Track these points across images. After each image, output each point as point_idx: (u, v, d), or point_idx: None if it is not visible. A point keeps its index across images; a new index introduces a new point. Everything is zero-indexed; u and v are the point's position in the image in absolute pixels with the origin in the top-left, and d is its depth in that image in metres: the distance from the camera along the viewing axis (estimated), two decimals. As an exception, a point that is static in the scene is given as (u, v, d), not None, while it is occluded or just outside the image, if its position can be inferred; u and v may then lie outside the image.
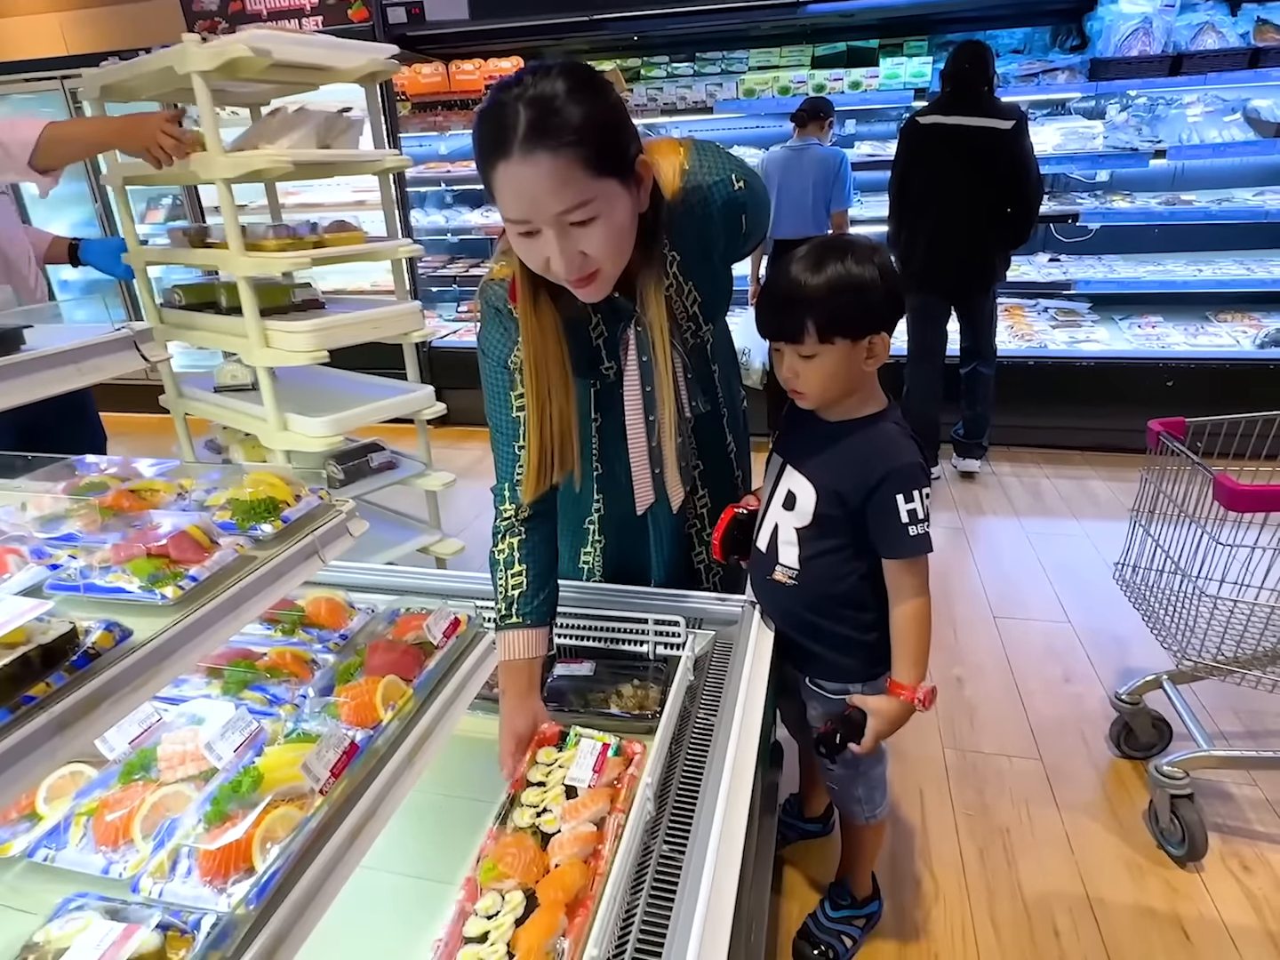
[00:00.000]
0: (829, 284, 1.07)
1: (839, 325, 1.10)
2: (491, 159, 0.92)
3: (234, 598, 0.85)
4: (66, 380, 0.79)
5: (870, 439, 1.18)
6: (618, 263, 1.04)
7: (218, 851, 0.77)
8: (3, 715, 0.63)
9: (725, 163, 1.16)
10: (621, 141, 0.96)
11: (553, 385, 1.13)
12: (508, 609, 1.22)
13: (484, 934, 0.90)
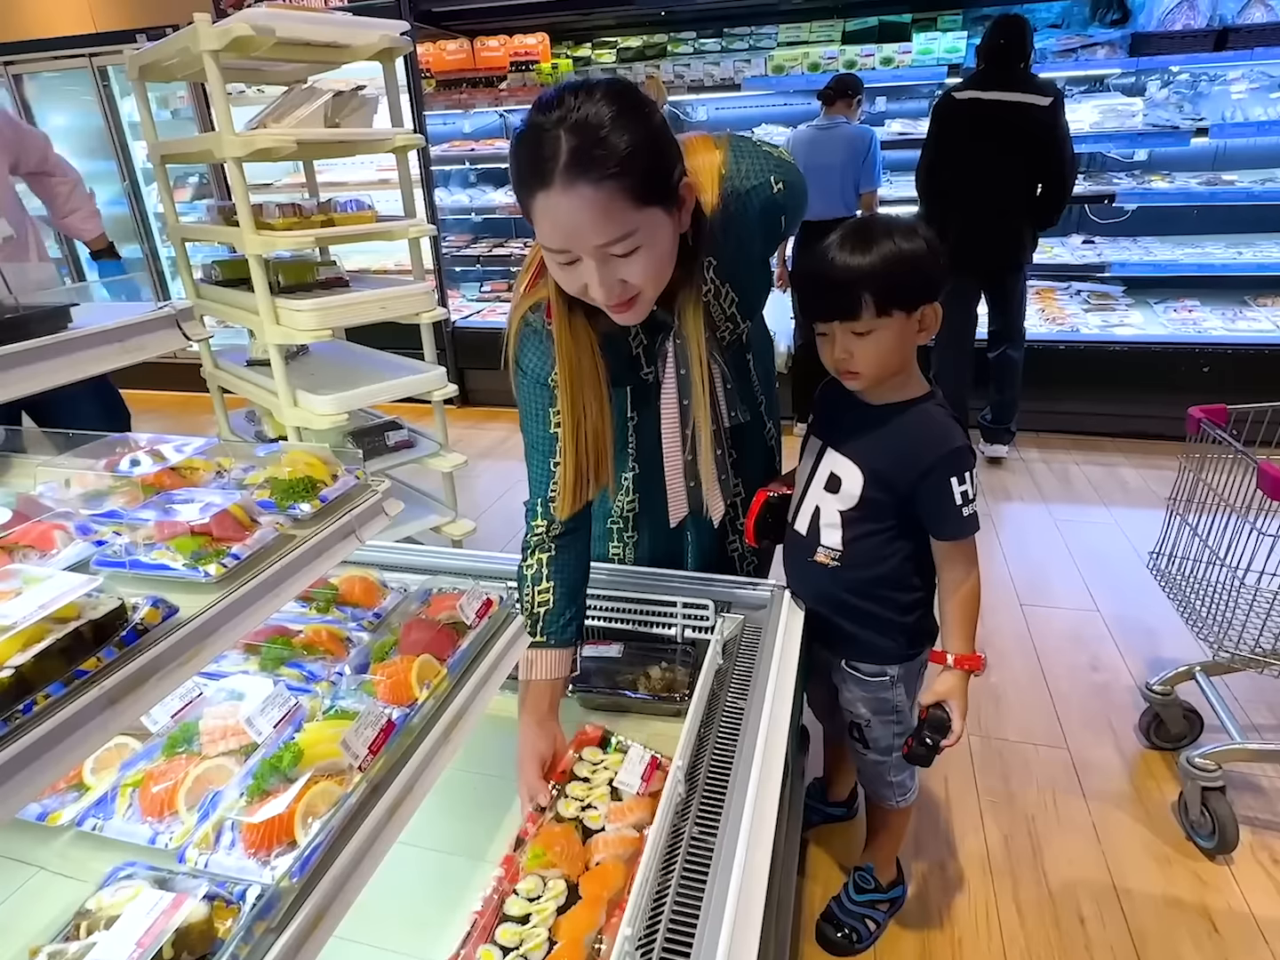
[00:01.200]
0: (883, 258, 1.07)
1: (896, 297, 1.09)
2: (531, 187, 0.88)
3: (274, 576, 0.86)
4: (111, 359, 0.80)
5: (919, 423, 1.19)
6: (658, 287, 1.01)
7: (261, 825, 0.79)
8: (57, 689, 0.64)
9: (764, 164, 1.12)
10: (665, 168, 0.93)
11: (588, 403, 1.12)
12: (533, 627, 1.22)
13: (525, 915, 0.92)
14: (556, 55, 4.96)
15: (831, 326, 1.15)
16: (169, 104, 5.34)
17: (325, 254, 2.58)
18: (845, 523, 1.26)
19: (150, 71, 2.35)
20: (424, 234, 2.25)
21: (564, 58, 4.97)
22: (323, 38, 1.95)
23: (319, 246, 2.24)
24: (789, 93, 4.68)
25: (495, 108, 4.97)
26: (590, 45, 5.00)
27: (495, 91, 4.92)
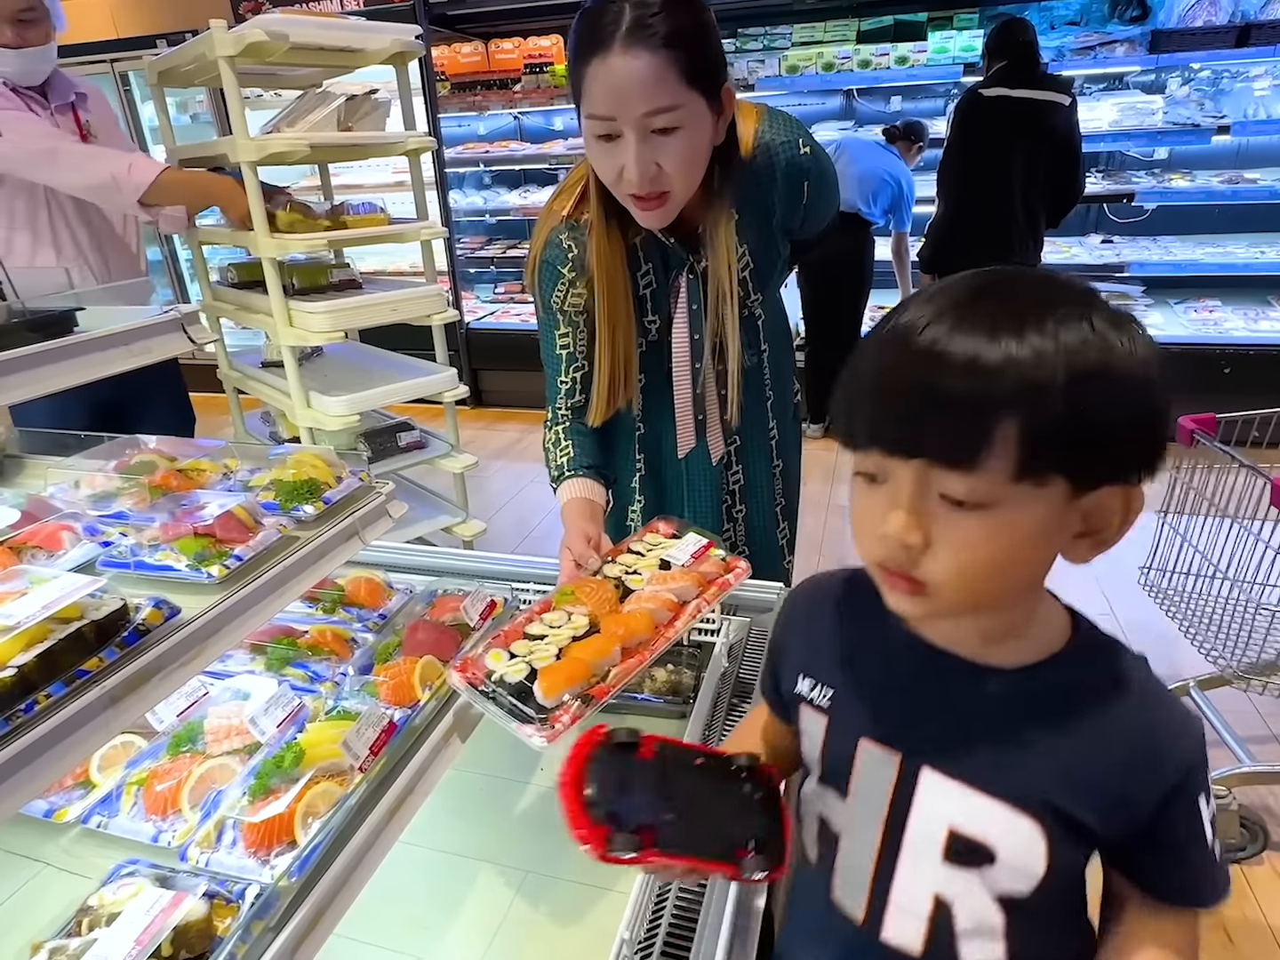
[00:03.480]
0: (1068, 363, 0.48)
1: (1078, 449, 0.49)
2: (588, 53, 0.93)
3: (277, 577, 0.87)
4: (116, 362, 0.81)
5: (1123, 700, 0.58)
6: (686, 187, 1.03)
7: (261, 824, 0.79)
8: (58, 688, 0.65)
9: (796, 129, 1.15)
10: (715, 58, 0.98)
11: (622, 309, 1.15)
12: (559, 472, 1.23)
13: (542, 635, 0.92)
14: (570, 57, 4.96)
15: (895, 468, 0.53)
16: (188, 108, 5.40)
17: (339, 256, 2.60)
18: (1013, 921, 0.59)
19: (169, 77, 2.37)
20: (435, 236, 2.26)
21: (578, 59, 4.98)
22: (336, 42, 1.97)
23: (333, 249, 2.25)
24: (803, 93, 4.66)
25: (510, 110, 4.99)
26: (604, 47, 5.00)
27: (510, 94, 4.94)
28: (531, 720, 0.80)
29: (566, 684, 0.82)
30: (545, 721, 0.80)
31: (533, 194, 5.21)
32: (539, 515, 3.54)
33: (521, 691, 0.83)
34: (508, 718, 0.81)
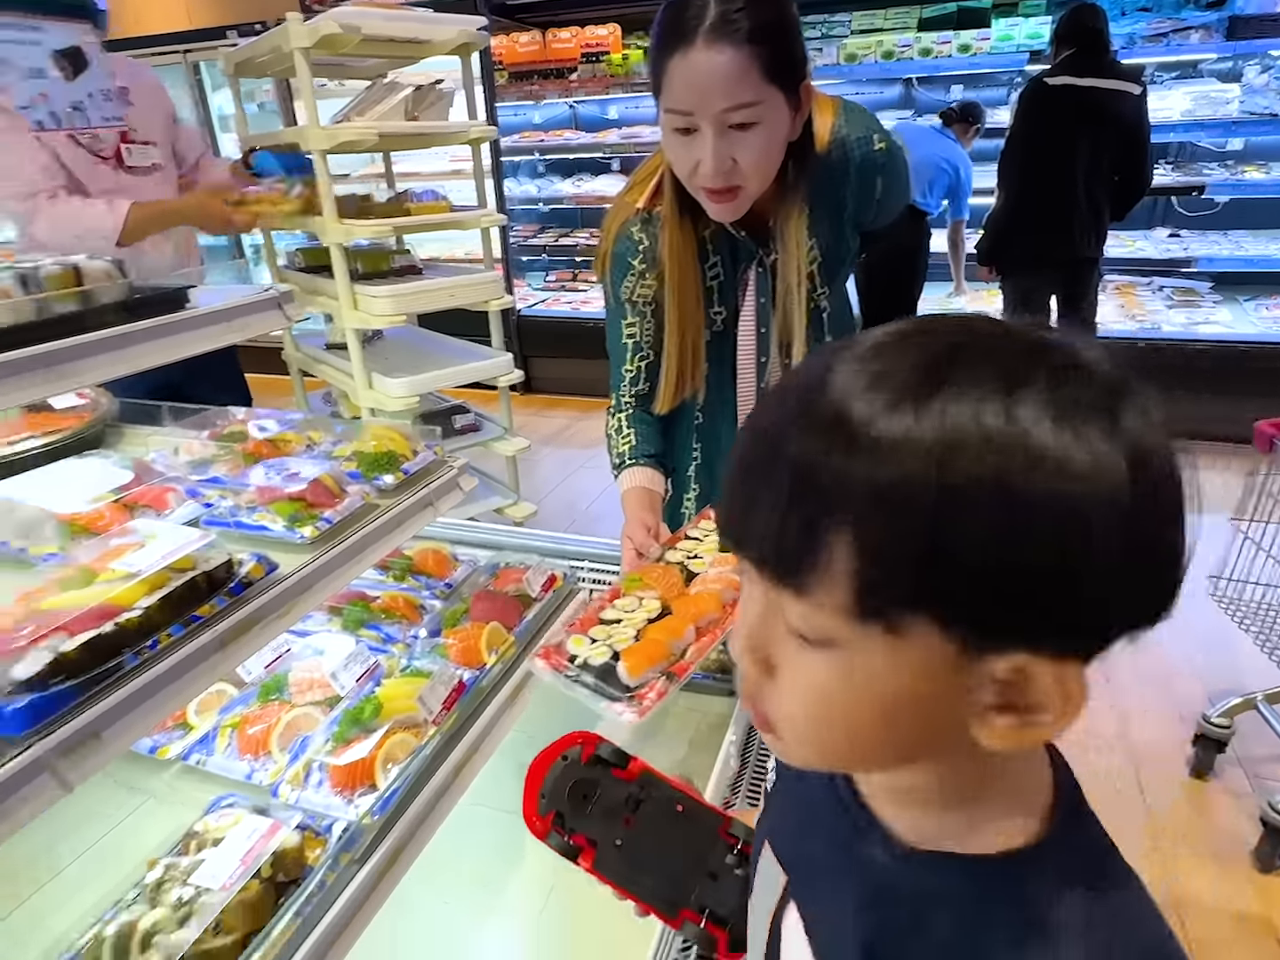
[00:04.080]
0: (941, 463, 0.33)
1: (946, 591, 0.34)
2: (670, 46, 0.94)
3: (361, 540, 0.93)
4: (220, 337, 0.88)
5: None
6: (760, 183, 1.04)
7: (346, 767, 0.86)
8: (177, 629, 0.72)
9: (871, 122, 1.16)
10: (797, 54, 0.99)
11: (692, 299, 1.17)
12: (620, 460, 1.26)
13: (617, 619, 0.96)
14: (627, 46, 4.98)
15: (748, 569, 0.41)
16: (255, 98, 5.57)
17: (400, 242, 2.68)
18: None
19: (244, 68, 2.47)
20: (495, 223, 2.32)
21: (634, 48, 5.00)
22: (404, 34, 2.03)
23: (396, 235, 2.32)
24: (861, 81, 4.60)
25: (565, 99, 5.03)
26: (661, 35, 5.00)
27: (566, 83, 4.98)
28: (619, 699, 0.84)
29: (649, 663, 0.87)
30: (632, 699, 0.84)
31: (586, 182, 5.25)
32: (586, 500, 3.60)
33: (605, 673, 0.87)
34: (596, 698, 0.85)
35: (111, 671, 0.66)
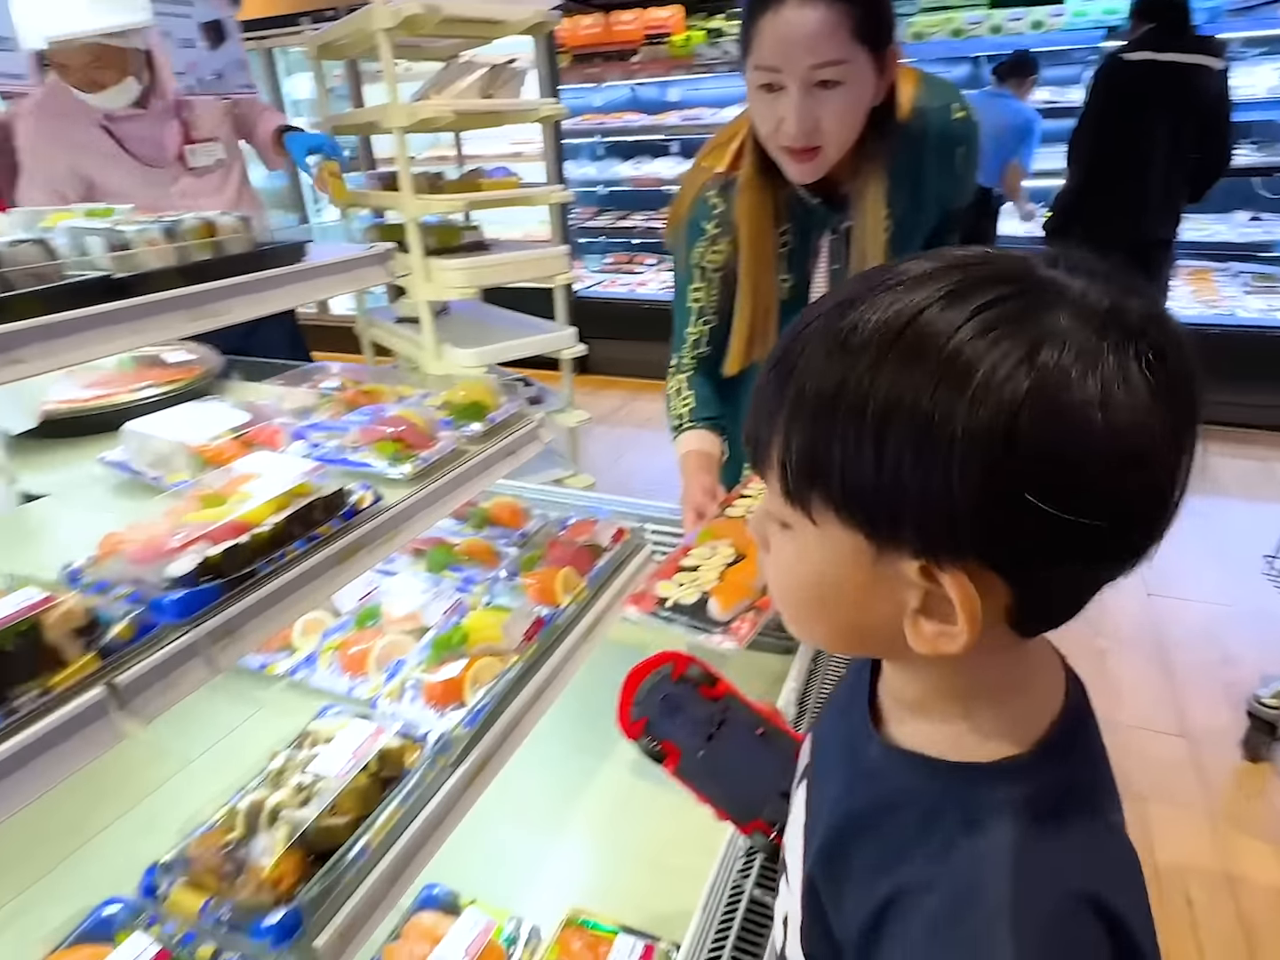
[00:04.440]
0: (860, 367, 0.38)
1: (826, 480, 0.41)
2: (763, 4, 0.97)
3: (453, 480, 1.00)
4: (334, 287, 0.96)
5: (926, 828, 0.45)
6: (840, 144, 1.06)
7: (439, 684, 0.94)
8: (300, 544, 0.80)
9: (950, 92, 1.17)
10: (886, 15, 1.01)
11: (765, 263, 1.19)
12: (679, 422, 1.31)
13: (696, 566, 1.02)
14: (690, 27, 4.98)
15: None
16: (326, 82, 5.74)
17: (468, 219, 2.77)
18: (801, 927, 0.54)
19: (326, 51, 2.58)
20: (564, 200, 2.40)
21: (697, 29, 4.99)
22: (482, 14, 2.10)
23: (467, 211, 2.40)
24: (928, 60, 4.52)
25: (626, 81, 5.06)
26: (724, 16, 4.99)
27: (627, 65, 5.01)
28: (715, 632, 0.90)
29: (739, 597, 0.93)
30: (727, 631, 0.90)
31: (645, 165, 5.28)
32: (638, 479, 3.66)
33: (697, 610, 0.93)
34: (694, 631, 0.91)
35: (248, 576, 0.74)
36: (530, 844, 1.10)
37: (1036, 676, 0.48)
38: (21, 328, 0.63)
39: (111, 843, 0.84)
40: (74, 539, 0.81)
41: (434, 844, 0.83)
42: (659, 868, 1.07)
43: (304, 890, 0.69)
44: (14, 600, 0.62)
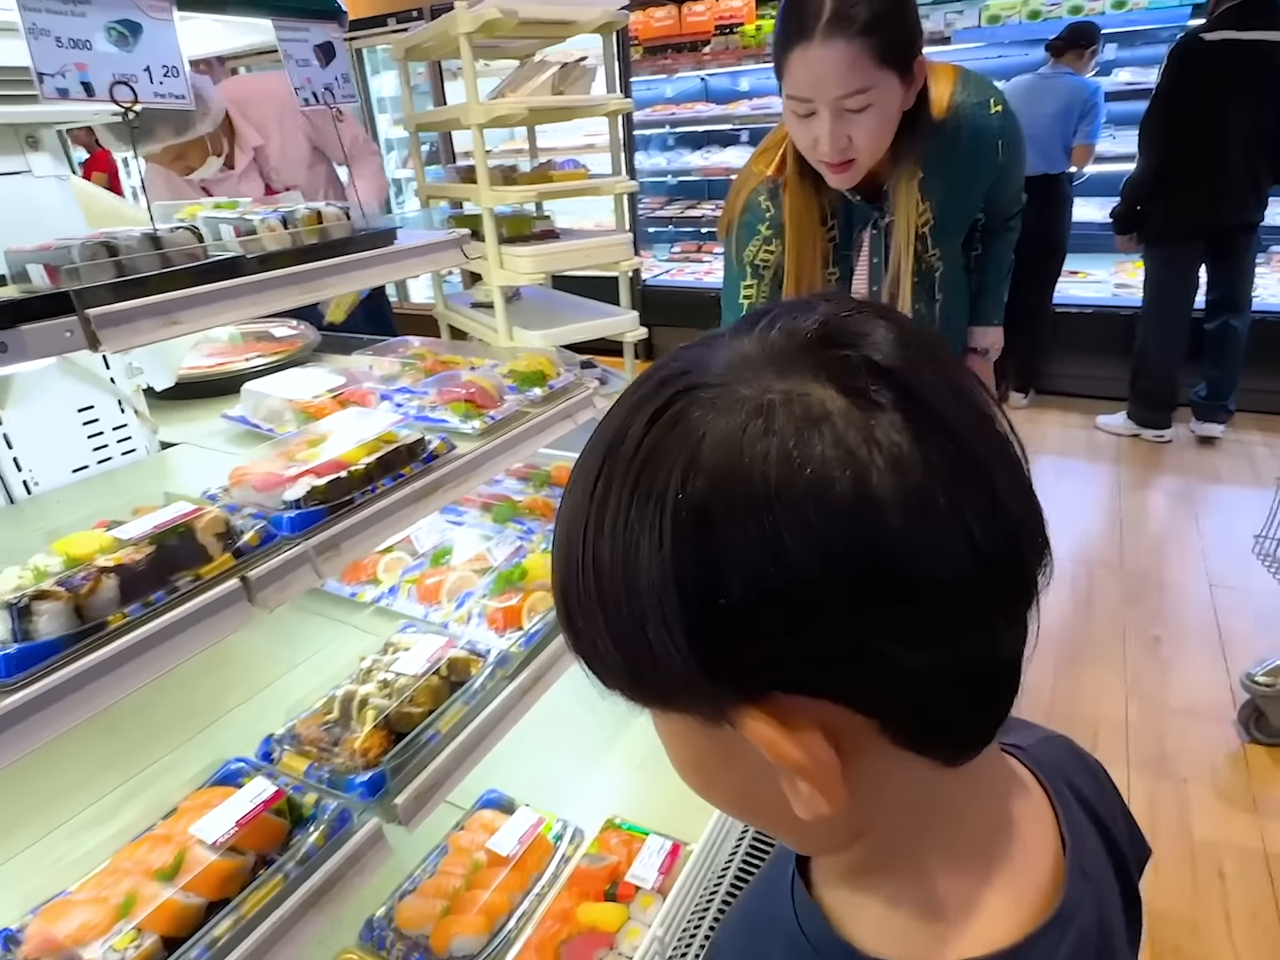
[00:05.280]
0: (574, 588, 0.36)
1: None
2: (792, 41, 1.05)
3: (516, 436, 1.14)
4: (418, 267, 1.11)
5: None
6: (873, 154, 1.14)
7: (500, 610, 1.08)
8: (388, 481, 0.95)
9: (987, 87, 1.23)
10: (909, 38, 1.07)
11: (809, 258, 1.28)
12: None
13: None
14: (761, 16, 5.02)
15: None
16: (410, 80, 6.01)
17: (539, 209, 2.92)
18: None
19: (412, 52, 2.77)
20: (629, 190, 2.52)
21: (768, 18, 5.03)
22: (556, 15, 2.24)
23: (539, 201, 2.55)
24: (1004, 44, 4.44)
25: (697, 72, 5.14)
26: (796, 5, 5.01)
27: (699, 56, 5.09)
28: None
29: None
30: None
31: (714, 154, 5.35)
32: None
33: None
34: None
35: (346, 503, 0.90)
36: (576, 762, 1.24)
37: (991, 852, 0.39)
38: (180, 295, 0.80)
39: (235, 722, 1.02)
40: (206, 475, 0.99)
41: (491, 741, 0.98)
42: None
43: (387, 759, 0.85)
44: (171, 510, 0.79)
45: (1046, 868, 0.39)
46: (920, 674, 0.31)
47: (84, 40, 0.73)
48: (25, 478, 1.02)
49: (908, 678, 0.31)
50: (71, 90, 0.72)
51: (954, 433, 0.31)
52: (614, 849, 1.05)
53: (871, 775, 0.34)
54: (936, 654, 0.31)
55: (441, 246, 1.12)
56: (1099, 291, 4.14)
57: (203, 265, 0.85)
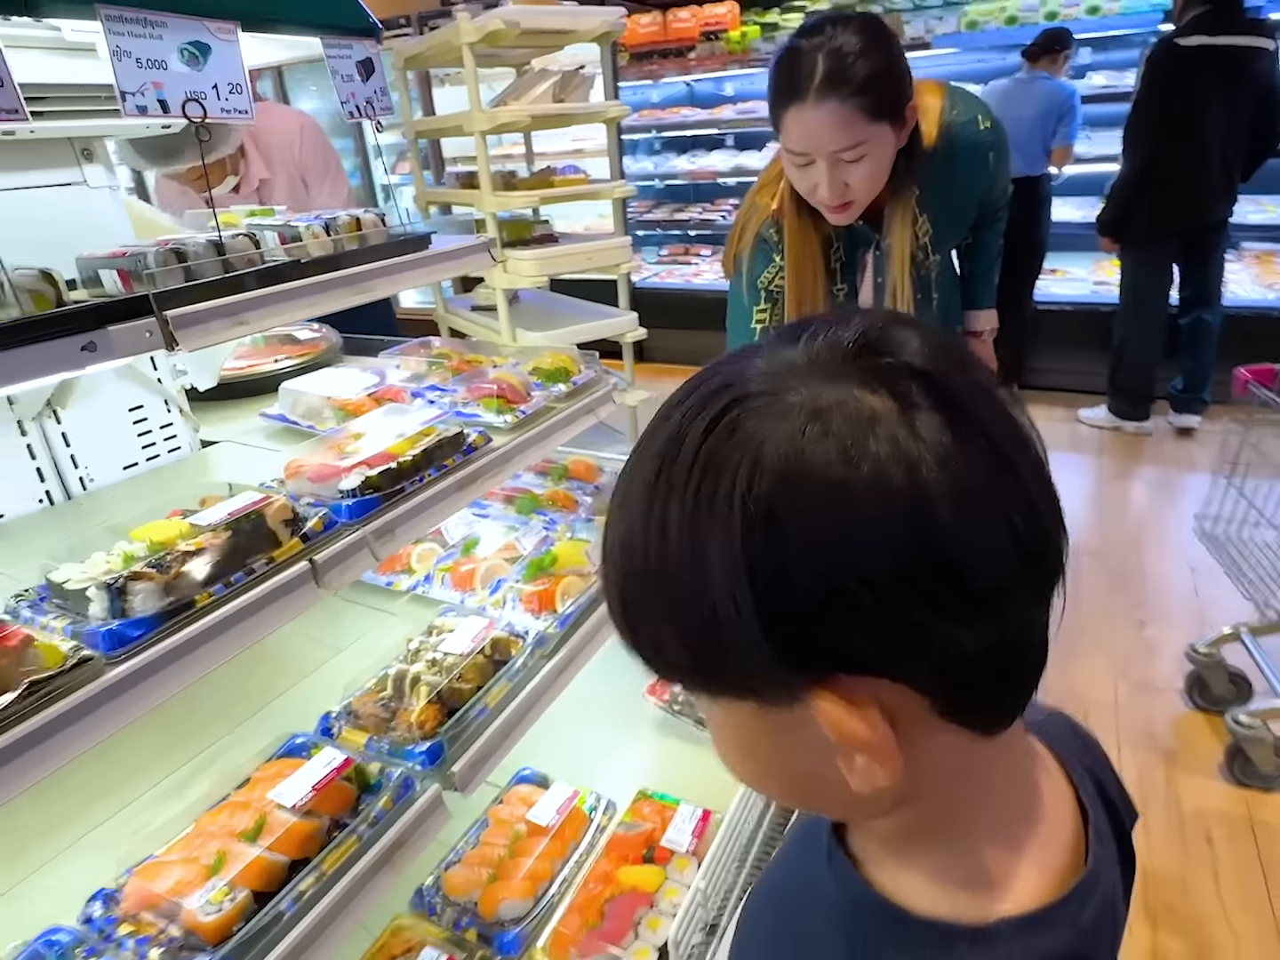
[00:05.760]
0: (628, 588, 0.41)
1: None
2: (785, 100, 1.11)
3: (545, 429, 1.20)
4: (451, 270, 1.16)
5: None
6: (871, 195, 1.22)
7: (535, 593, 1.14)
8: (433, 471, 1.01)
9: (975, 105, 1.30)
10: (899, 91, 1.14)
11: (809, 283, 1.35)
12: None
13: None
14: (745, 22, 5.12)
15: None
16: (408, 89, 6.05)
17: (537, 214, 2.98)
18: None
19: (413, 61, 2.82)
20: (627, 195, 2.58)
21: (752, 24, 5.12)
22: (556, 25, 2.30)
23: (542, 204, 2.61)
24: (983, 49, 4.56)
25: (683, 77, 5.22)
26: (779, 10, 5.11)
27: (684, 61, 5.17)
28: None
29: None
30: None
31: (701, 158, 5.43)
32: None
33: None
34: (700, 728, 1.11)
35: (398, 492, 0.96)
36: (602, 740, 1.30)
37: (1023, 824, 0.43)
38: (247, 297, 0.85)
39: (289, 704, 1.07)
40: (249, 470, 1.04)
41: (532, 716, 1.04)
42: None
43: (444, 730, 0.91)
44: (242, 499, 0.85)
45: (1069, 831, 0.44)
46: (970, 653, 0.35)
47: (160, 60, 0.78)
48: (81, 474, 1.07)
49: (959, 657, 0.35)
50: (150, 107, 0.78)
51: (988, 430, 0.34)
52: (647, 817, 1.11)
53: (919, 746, 0.37)
54: (984, 634, 0.35)
55: (472, 250, 1.18)
56: (1078, 289, 4.26)
57: (263, 269, 0.91)
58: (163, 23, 0.77)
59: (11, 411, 0.98)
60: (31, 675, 0.63)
